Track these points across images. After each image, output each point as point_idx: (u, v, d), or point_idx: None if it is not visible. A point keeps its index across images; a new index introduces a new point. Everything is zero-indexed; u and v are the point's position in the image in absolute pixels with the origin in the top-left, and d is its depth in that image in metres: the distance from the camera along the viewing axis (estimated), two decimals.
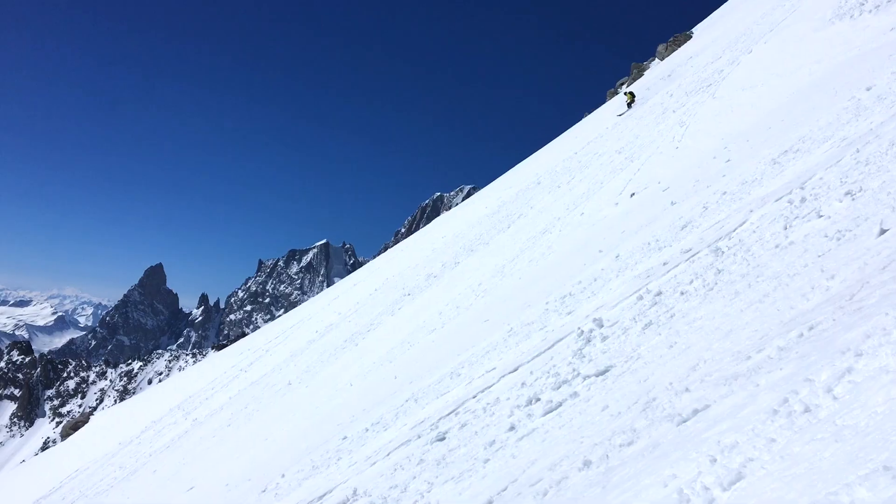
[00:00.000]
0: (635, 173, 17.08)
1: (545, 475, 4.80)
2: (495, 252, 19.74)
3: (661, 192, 13.96)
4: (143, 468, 20.08)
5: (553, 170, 27.62)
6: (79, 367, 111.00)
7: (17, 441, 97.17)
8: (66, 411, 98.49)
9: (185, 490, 14.49)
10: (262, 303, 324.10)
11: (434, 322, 15.89)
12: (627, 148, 20.74)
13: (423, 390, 10.45)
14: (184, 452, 18.95)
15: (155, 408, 31.69)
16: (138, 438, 26.30)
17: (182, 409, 27.16)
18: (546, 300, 11.06)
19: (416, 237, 41.82)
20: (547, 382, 7.04)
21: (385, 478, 7.52)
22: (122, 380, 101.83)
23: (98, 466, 25.23)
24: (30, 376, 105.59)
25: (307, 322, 31.53)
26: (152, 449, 22.49)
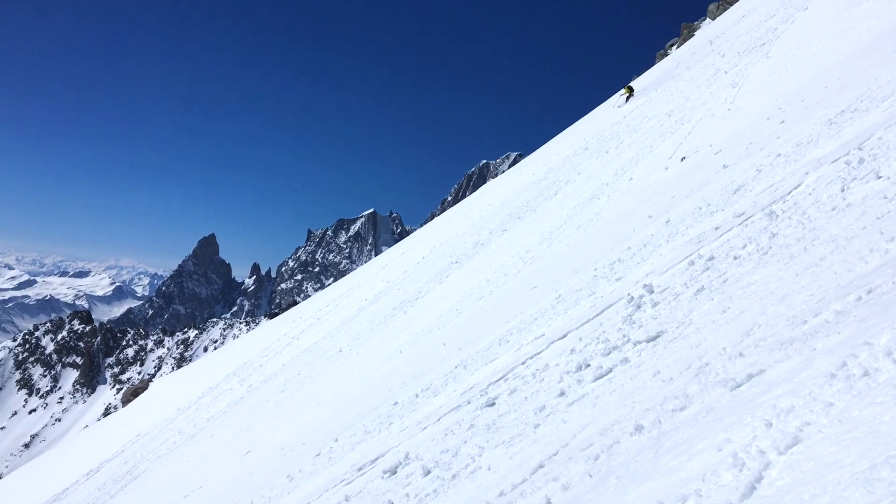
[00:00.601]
0: (686, 136, 16.73)
1: (596, 440, 4.80)
2: (542, 219, 19.61)
3: (712, 155, 13.66)
4: (201, 433, 20.66)
5: (601, 135, 27.23)
6: (137, 335, 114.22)
7: (81, 407, 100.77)
8: (125, 378, 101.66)
9: (242, 454, 14.89)
10: (312, 272, 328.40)
11: (482, 289, 15.91)
12: (678, 111, 20.31)
13: (472, 357, 10.51)
14: (240, 418, 19.43)
15: (211, 374, 32.50)
16: (196, 404, 27.03)
17: (237, 376, 27.80)
18: (594, 266, 10.97)
19: (463, 205, 41.77)
20: (596, 349, 7.02)
21: (436, 442, 7.61)
22: (179, 348, 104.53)
23: (158, 431, 26.05)
24: (91, 345, 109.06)
25: (356, 290, 31.87)
26: (209, 414, 23.11)
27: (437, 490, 6.20)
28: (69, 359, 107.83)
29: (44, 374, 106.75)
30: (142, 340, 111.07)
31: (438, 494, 6.08)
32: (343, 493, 7.96)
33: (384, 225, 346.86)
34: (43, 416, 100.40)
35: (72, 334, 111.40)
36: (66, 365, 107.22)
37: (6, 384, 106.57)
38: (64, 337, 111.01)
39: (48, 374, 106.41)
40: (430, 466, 6.94)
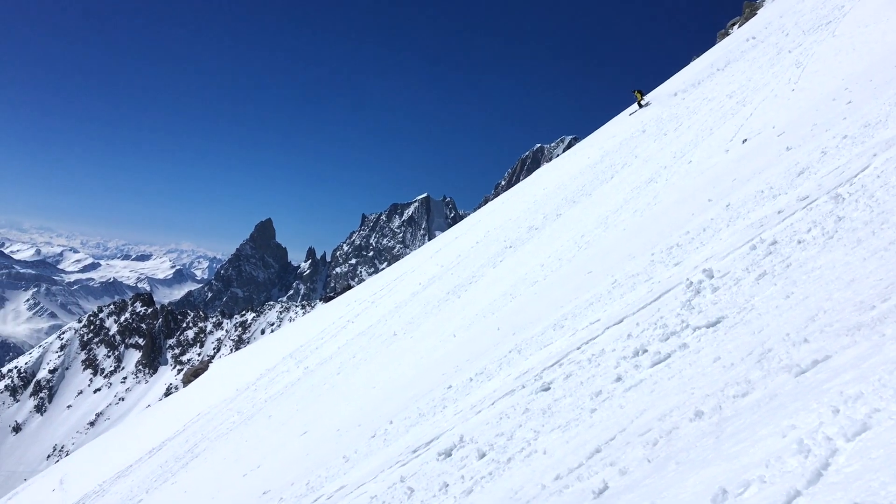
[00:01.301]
0: (748, 118, 16.32)
1: (654, 425, 4.75)
2: (598, 203, 19.39)
3: (775, 137, 13.30)
4: (259, 413, 21.09)
5: (659, 117, 26.75)
6: (197, 317, 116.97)
7: (143, 387, 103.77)
8: (186, 359, 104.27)
9: (299, 435, 15.16)
10: (366, 256, 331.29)
11: (536, 274, 15.83)
12: (739, 91, 19.81)
13: (527, 341, 10.48)
14: (297, 399, 19.77)
15: (268, 356, 33.09)
16: (254, 385, 27.58)
17: (294, 358, 28.26)
18: (651, 251, 10.81)
19: (517, 189, 41.55)
20: (654, 334, 6.92)
21: (491, 426, 7.62)
22: (237, 330, 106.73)
23: (217, 411, 26.68)
24: (152, 326, 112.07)
25: (410, 275, 32.03)
26: (267, 395, 23.56)
27: (492, 473, 6.22)
28: (132, 340, 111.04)
29: (108, 355, 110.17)
30: (201, 323, 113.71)
31: (494, 477, 6.10)
32: (398, 475, 8.05)
33: (438, 209, 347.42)
34: (107, 396, 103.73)
35: (134, 316, 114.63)
36: (129, 346, 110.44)
37: (72, 364, 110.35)
38: (127, 319, 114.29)
39: (112, 355, 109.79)
40: (484, 449, 6.96)
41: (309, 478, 10.75)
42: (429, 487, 6.98)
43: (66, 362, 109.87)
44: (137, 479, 22.48)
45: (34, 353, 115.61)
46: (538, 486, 5.13)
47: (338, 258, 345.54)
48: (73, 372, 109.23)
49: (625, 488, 4.07)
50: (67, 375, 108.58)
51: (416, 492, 7.12)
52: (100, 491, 24.77)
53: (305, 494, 9.97)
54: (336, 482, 9.52)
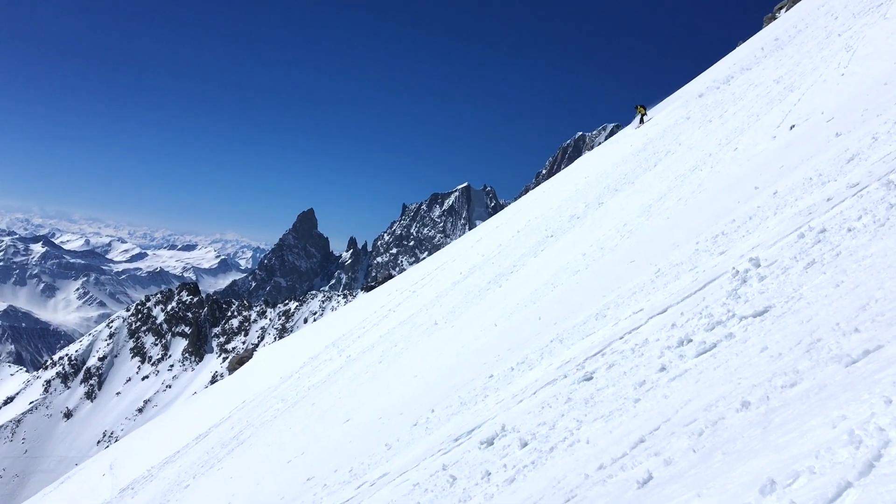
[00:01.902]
0: (795, 104, 15.96)
1: (700, 415, 4.69)
2: (641, 191, 19.17)
3: (824, 122, 12.99)
4: (303, 401, 21.37)
5: (704, 103, 26.32)
6: (241, 306, 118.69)
7: (189, 374, 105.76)
8: (231, 348, 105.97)
9: (342, 422, 15.33)
10: (407, 246, 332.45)
11: (578, 263, 15.74)
12: (787, 77, 19.37)
13: (568, 331, 10.43)
14: (339, 387, 19.98)
15: (311, 345, 33.49)
16: (297, 373, 27.94)
17: (336, 347, 28.55)
18: (696, 240, 10.66)
19: (558, 178, 41.30)
20: (699, 323, 6.83)
21: (532, 415, 7.61)
22: (281, 319, 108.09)
23: (262, 398, 27.10)
24: (198, 315, 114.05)
25: (451, 264, 32.09)
26: (310, 383, 23.85)
27: (534, 462, 6.22)
28: (178, 328, 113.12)
29: (155, 343, 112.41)
30: (246, 312, 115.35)
31: (536, 466, 6.10)
32: (440, 463, 8.09)
33: (478, 199, 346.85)
34: (155, 383, 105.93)
35: (180, 305, 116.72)
36: (176, 334, 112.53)
37: (121, 352, 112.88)
38: (173, 307, 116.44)
39: (159, 343, 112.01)
40: (527, 439, 6.96)
41: (352, 465, 10.87)
42: (471, 475, 7.01)
43: (114, 350, 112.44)
44: (185, 465, 22.96)
45: (84, 341, 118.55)
46: (581, 475, 5.11)
47: (379, 248, 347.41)
48: (122, 360, 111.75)
49: (670, 478, 4.04)
50: (116, 363, 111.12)
51: (458, 480, 7.15)
52: (148, 476, 25.37)
53: (349, 481, 10.09)
54: (379, 469, 9.61)
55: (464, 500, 6.49)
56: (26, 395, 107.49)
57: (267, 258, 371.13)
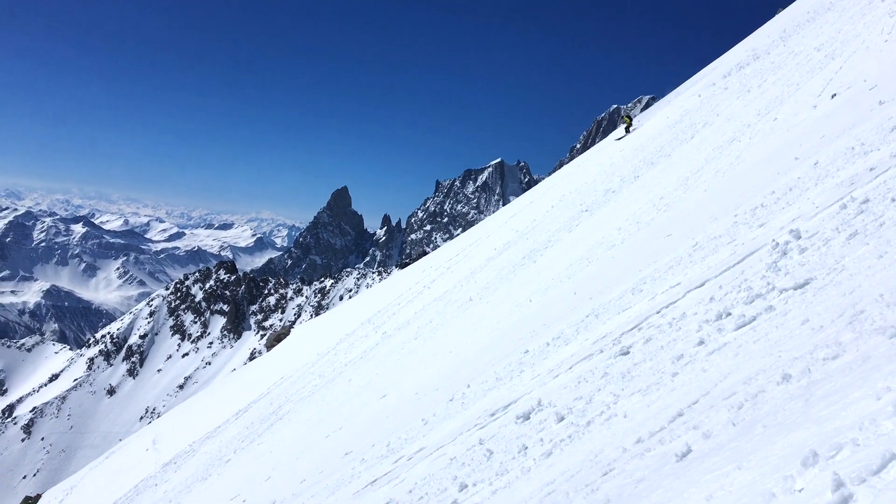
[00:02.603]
0: (836, 72, 15.56)
1: (739, 389, 4.65)
2: (678, 164, 18.91)
3: (867, 91, 12.65)
4: (340, 377, 21.59)
5: (742, 73, 25.80)
6: (278, 284, 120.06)
7: (228, 351, 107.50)
8: (268, 325, 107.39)
9: (378, 398, 15.47)
10: (441, 222, 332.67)
11: (613, 238, 15.61)
12: (828, 44, 18.88)
13: (604, 306, 10.37)
14: (375, 363, 20.15)
15: (347, 322, 33.77)
16: (334, 350, 28.22)
17: (372, 323, 28.75)
18: (735, 212, 10.50)
19: (593, 152, 40.89)
20: (738, 297, 6.74)
21: (569, 390, 7.61)
22: (317, 296, 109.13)
23: (300, 375, 27.44)
24: (236, 293, 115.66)
25: (485, 240, 32.04)
26: (347, 359, 24.08)
27: (571, 436, 6.22)
28: (217, 306, 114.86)
29: (194, 321, 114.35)
30: (282, 289, 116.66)
31: (573, 440, 6.10)
32: (477, 437, 8.13)
33: (511, 174, 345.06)
34: (194, 360, 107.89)
35: (218, 283, 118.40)
36: (214, 312, 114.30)
37: (161, 330, 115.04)
38: (211, 286, 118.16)
39: (198, 321, 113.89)
40: (563, 413, 6.96)
41: (389, 439, 10.97)
42: (508, 450, 7.04)
43: (155, 328, 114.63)
44: (225, 440, 23.39)
45: (125, 320, 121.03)
46: (619, 448, 5.10)
47: (412, 225, 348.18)
48: (163, 337, 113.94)
49: (709, 451, 4.01)
50: (157, 341, 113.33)
51: (495, 454, 7.19)
52: (190, 451, 25.90)
53: (386, 455, 10.19)
54: (416, 444, 9.69)
55: (501, 473, 6.52)
56: (70, 373, 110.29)
57: (302, 236, 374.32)
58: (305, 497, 10.91)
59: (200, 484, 18.93)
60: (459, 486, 6.84)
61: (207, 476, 19.33)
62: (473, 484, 6.73)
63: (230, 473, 17.99)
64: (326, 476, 11.46)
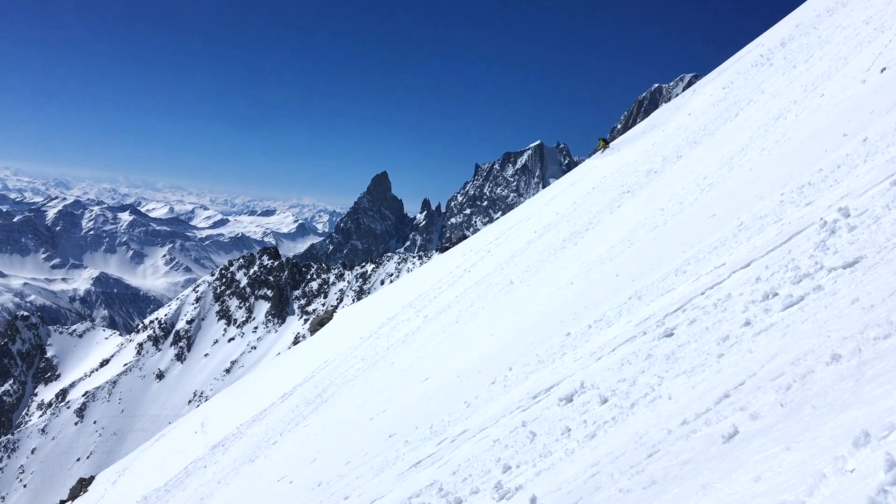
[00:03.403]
0: (886, 45, 15.10)
1: (787, 370, 4.58)
2: (721, 143, 18.58)
3: None
4: (382, 360, 21.77)
5: (788, 48, 25.19)
6: (320, 269, 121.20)
7: (273, 336, 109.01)
8: (311, 309, 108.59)
9: (421, 380, 15.57)
10: (480, 206, 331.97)
11: (656, 219, 15.42)
12: (877, 17, 18.33)
13: (647, 287, 10.28)
14: (417, 346, 20.26)
15: (389, 306, 33.98)
16: (376, 333, 28.44)
17: (413, 307, 28.89)
18: (781, 191, 10.29)
19: (633, 132, 40.36)
20: (785, 276, 6.63)
21: (612, 372, 7.57)
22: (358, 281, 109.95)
23: (343, 358, 27.73)
24: (279, 278, 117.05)
25: (525, 223, 31.92)
26: (389, 343, 24.25)
27: (615, 418, 6.20)
28: (261, 291, 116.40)
29: (239, 306, 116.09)
30: (324, 274, 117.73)
31: (617, 422, 6.08)
32: (520, 419, 8.15)
33: (551, 156, 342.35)
34: (240, 344, 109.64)
35: (262, 269, 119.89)
36: (259, 297, 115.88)
37: (207, 315, 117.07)
38: (255, 271, 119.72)
39: (243, 306, 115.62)
40: (606, 395, 6.93)
41: (432, 422, 11.05)
42: (551, 432, 7.04)
43: (201, 313, 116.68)
44: (271, 422, 23.78)
45: (172, 306, 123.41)
46: (664, 430, 5.07)
47: (452, 209, 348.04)
48: (209, 322, 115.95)
49: (756, 432, 3.96)
50: (203, 326, 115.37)
51: (538, 436, 7.20)
52: (238, 433, 26.39)
53: (429, 438, 10.27)
54: (458, 426, 9.75)
55: (544, 455, 6.53)
56: (120, 358, 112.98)
57: (343, 221, 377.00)
58: (351, 478, 11.06)
59: (248, 466, 19.30)
60: (503, 468, 6.87)
61: (255, 458, 19.69)
62: (517, 465, 6.76)
63: (276, 455, 18.30)
64: (371, 458, 11.59)
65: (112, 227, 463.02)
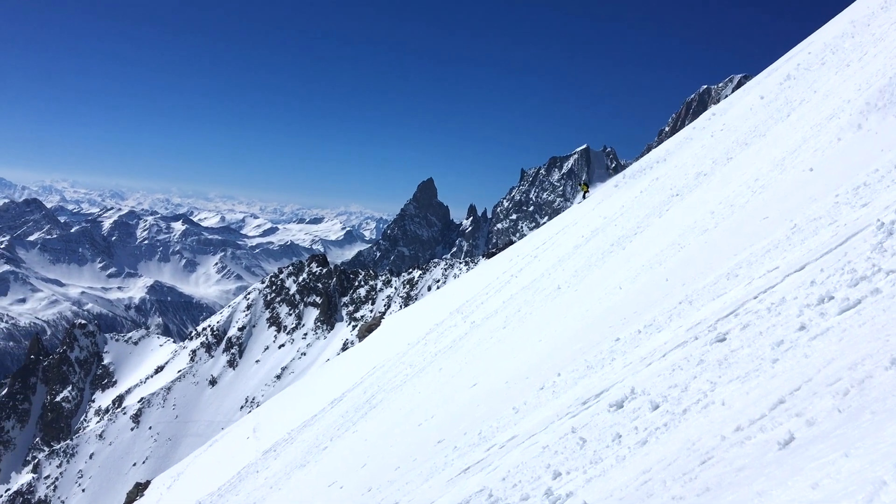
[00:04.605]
0: None
1: (844, 374, 4.48)
2: (773, 144, 18.23)
3: None
4: (430, 366, 21.84)
5: (839, 46, 24.61)
6: (367, 276, 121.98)
7: (322, 342, 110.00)
8: (359, 316, 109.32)
9: (469, 386, 15.58)
10: (527, 211, 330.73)
11: (706, 222, 15.20)
12: None
13: (697, 292, 10.14)
14: (465, 352, 20.28)
15: (436, 312, 34.05)
16: (424, 339, 28.53)
17: (460, 313, 28.92)
18: (835, 192, 10.06)
19: (681, 134, 39.82)
20: (841, 280, 6.48)
21: (663, 377, 7.48)
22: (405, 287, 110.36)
23: (391, 364, 27.88)
24: (328, 285, 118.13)
25: (572, 227, 31.72)
26: (436, 349, 24.31)
27: (667, 424, 6.12)
28: (310, 298, 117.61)
29: (289, 313, 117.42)
30: (372, 281, 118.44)
31: (669, 428, 6.01)
32: (569, 425, 8.10)
33: (598, 160, 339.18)
34: (290, 351, 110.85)
35: (311, 276, 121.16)
36: (308, 304, 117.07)
37: (258, 322, 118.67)
38: (304, 279, 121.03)
39: (293, 313, 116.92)
40: (657, 401, 6.86)
41: (481, 427, 11.05)
42: (601, 438, 6.98)
43: (252, 320, 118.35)
44: (322, 428, 24.02)
45: (224, 313, 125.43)
46: (717, 437, 5.00)
47: (498, 214, 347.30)
48: (260, 329, 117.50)
49: (813, 439, 3.89)
50: (254, 332, 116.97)
51: (588, 442, 7.15)
52: (289, 439, 26.72)
53: (478, 444, 10.27)
54: (507, 432, 9.73)
55: (595, 461, 6.49)
56: (174, 364, 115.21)
57: (390, 228, 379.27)
58: (400, 484, 11.11)
59: (299, 471, 19.52)
60: (553, 474, 6.84)
61: (305, 463, 19.92)
62: (567, 472, 6.72)
63: (327, 460, 18.48)
64: (420, 463, 11.63)
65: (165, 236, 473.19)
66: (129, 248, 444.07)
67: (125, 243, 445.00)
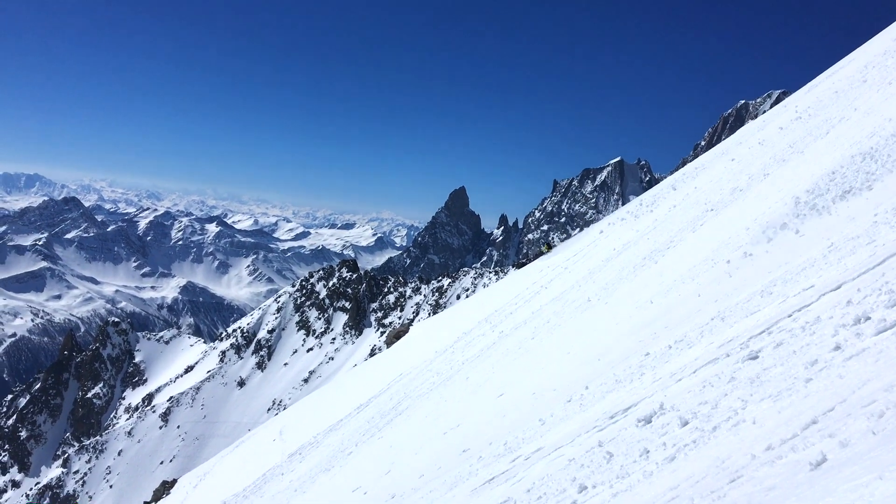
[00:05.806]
0: None
1: (880, 396, 4.40)
2: (811, 161, 17.97)
3: None
4: (457, 375, 21.81)
5: (883, 64, 24.24)
6: (397, 283, 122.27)
7: (350, 347, 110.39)
8: (388, 322, 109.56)
9: (495, 396, 15.53)
10: (558, 222, 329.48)
11: (741, 238, 15.02)
12: None
13: (730, 308, 10.02)
14: (492, 362, 20.22)
15: (464, 320, 34.02)
16: (451, 348, 28.51)
17: (489, 322, 28.86)
18: (875, 211, 9.90)
19: (716, 150, 39.43)
20: (878, 300, 6.37)
21: (693, 394, 7.41)
22: (434, 295, 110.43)
23: (418, 372, 27.89)
24: (357, 291, 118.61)
25: (603, 240, 31.53)
26: (464, 358, 24.28)
27: (696, 441, 6.06)
28: (339, 303, 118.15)
29: (318, 317, 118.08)
30: (401, 288, 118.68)
31: (698, 445, 5.94)
32: (596, 439, 8.04)
33: (632, 173, 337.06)
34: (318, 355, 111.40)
35: (341, 281, 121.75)
36: (337, 309, 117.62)
37: (287, 325, 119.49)
38: (334, 283, 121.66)
39: (322, 317, 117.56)
40: (687, 417, 6.78)
41: (506, 438, 11.01)
42: (628, 453, 6.93)
43: (282, 323, 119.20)
44: (347, 433, 24.09)
45: (255, 315, 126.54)
46: (747, 455, 4.94)
47: (529, 224, 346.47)
48: (289, 332, 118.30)
49: (846, 460, 3.82)
50: (283, 335, 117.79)
51: (615, 456, 7.09)
52: (314, 442, 26.83)
53: (503, 454, 10.23)
54: (533, 444, 9.68)
55: (621, 476, 6.43)
56: (204, 365, 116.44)
57: (420, 236, 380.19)
58: (424, 492, 11.10)
59: (324, 475, 19.59)
60: (579, 488, 6.79)
61: (331, 467, 19.98)
62: (593, 486, 6.67)
63: (352, 466, 18.52)
64: (444, 472, 11.62)
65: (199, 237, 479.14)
66: (163, 248, 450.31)
67: (160, 243, 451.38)
